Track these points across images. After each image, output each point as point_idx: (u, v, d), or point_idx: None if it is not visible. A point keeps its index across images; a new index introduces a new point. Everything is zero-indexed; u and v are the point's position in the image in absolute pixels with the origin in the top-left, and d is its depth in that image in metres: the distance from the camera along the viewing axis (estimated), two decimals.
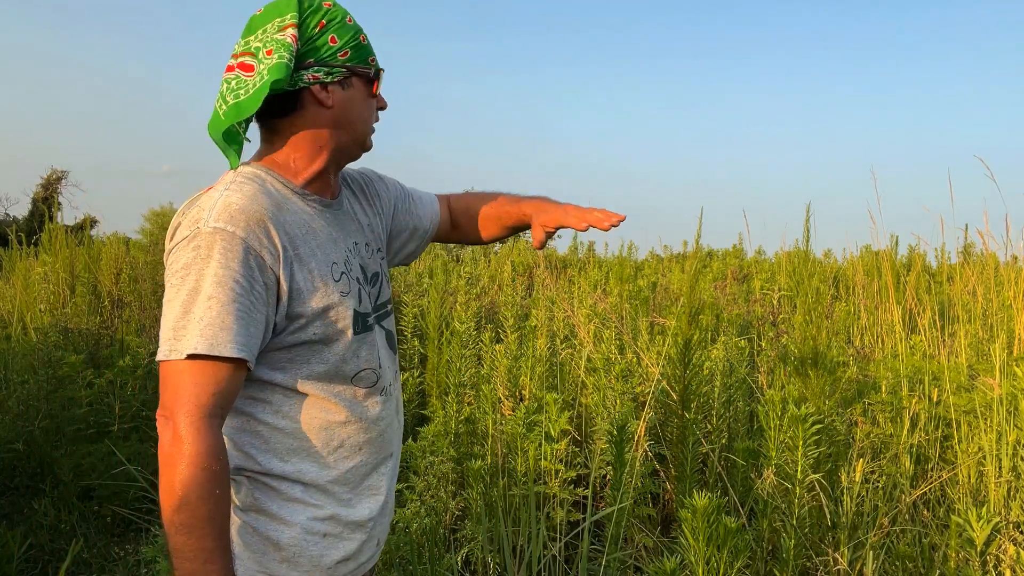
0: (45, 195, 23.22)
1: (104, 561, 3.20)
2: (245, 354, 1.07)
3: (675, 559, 1.70)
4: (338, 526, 1.23)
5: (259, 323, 1.11)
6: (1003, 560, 2.28)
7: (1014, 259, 4.27)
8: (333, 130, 1.25)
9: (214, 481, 1.05)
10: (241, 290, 1.07)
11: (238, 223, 1.09)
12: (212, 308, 1.06)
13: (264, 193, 1.16)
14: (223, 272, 1.06)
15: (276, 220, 1.14)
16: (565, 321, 4.78)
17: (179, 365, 1.06)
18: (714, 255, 10.92)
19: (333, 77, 1.23)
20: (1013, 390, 2.70)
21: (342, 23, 1.24)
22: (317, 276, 1.18)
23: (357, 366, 1.24)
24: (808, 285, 2.75)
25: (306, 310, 1.16)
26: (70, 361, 3.95)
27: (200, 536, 1.04)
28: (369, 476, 1.28)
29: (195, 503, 1.04)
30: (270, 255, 1.11)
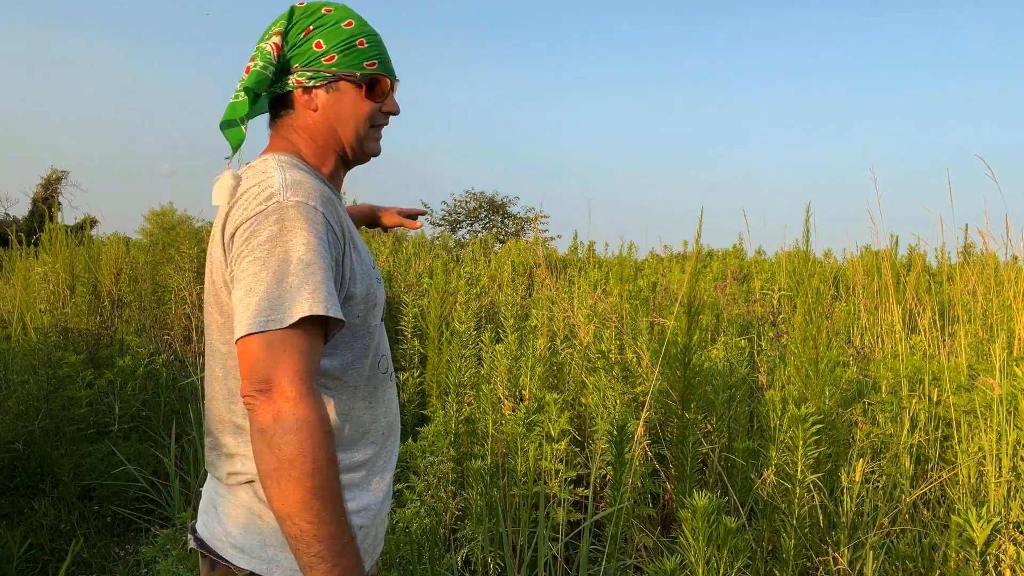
0: (45, 195, 23.23)
1: (104, 561, 3.20)
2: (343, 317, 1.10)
3: (675, 559, 1.70)
4: (370, 516, 1.24)
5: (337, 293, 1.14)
6: (1003, 560, 2.28)
7: (1014, 259, 4.27)
8: (325, 132, 1.28)
9: (334, 444, 1.06)
10: (331, 261, 1.11)
11: (316, 199, 1.13)
12: (316, 274, 1.06)
13: (317, 178, 1.23)
14: (316, 242, 1.09)
15: (333, 203, 1.19)
16: (565, 321, 4.78)
17: (277, 335, 1.03)
18: (714, 255, 10.92)
19: (315, 81, 1.25)
20: (1013, 390, 2.70)
21: (333, 28, 1.25)
22: (363, 259, 1.24)
23: (380, 351, 1.29)
24: (808, 285, 2.75)
25: (355, 292, 1.19)
26: (70, 361, 3.95)
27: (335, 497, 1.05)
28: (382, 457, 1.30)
29: (326, 467, 1.03)
30: (339, 230, 1.16)
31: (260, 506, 1.18)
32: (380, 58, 1.30)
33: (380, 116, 1.32)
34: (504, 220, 21.90)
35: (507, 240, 16.99)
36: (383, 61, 1.30)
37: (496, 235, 19.41)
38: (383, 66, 1.30)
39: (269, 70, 1.25)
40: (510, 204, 21.97)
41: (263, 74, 1.24)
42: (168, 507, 3.33)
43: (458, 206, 21.95)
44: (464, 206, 22.03)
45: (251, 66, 1.26)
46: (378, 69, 1.29)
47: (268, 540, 1.17)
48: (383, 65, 1.30)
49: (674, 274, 7.97)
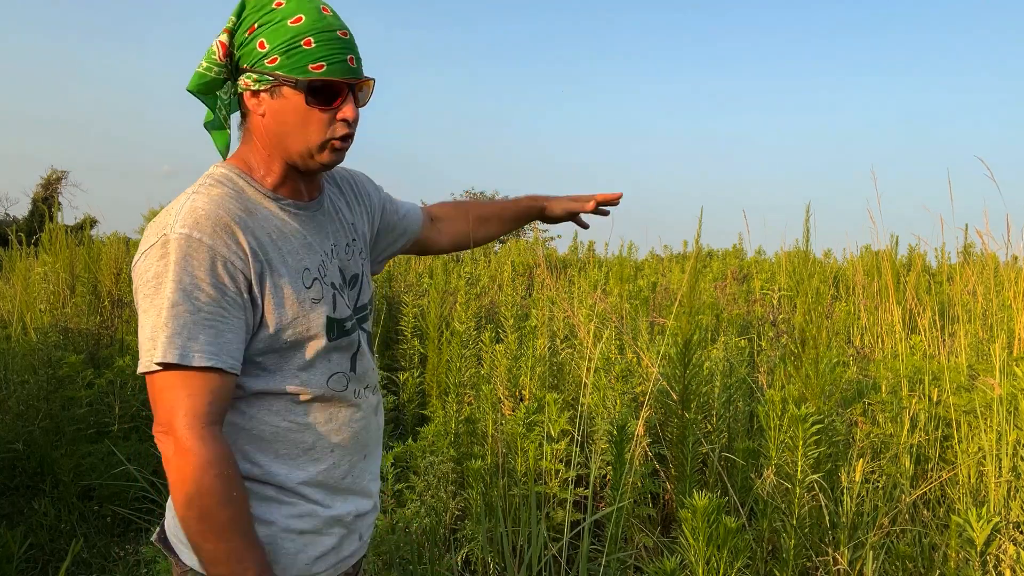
0: (45, 195, 23.23)
1: (104, 561, 3.20)
2: (216, 362, 1.05)
3: (675, 559, 1.70)
4: (316, 522, 1.22)
5: (237, 329, 1.09)
6: (1003, 560, 2.28)
7: (1014, 259, 4.27)
8: (273, 140, 1.18)
9: (230, 485, 1.05)
10: (207, 298, 1.05)
11: (204, 229, 1.07)
12: (178, 318, 1.04)
13: (233, 198, 1.14)
14: (188, 280, 1.04)
15: (244, 225, 1.11)
16: (565, 321, 4.78)
17: (169, 377, 1.04)
18: (714, 255, 10.92)
19: (260, 85, 1.15)
20: (1013, 390, 2.70)
21: (278, 25, 1.13)
22: (288, 282, 1.15)
23: (329, 370, 1.22)
24: (808, 285, 2.75)
25: (278, 317, 1.13)
26: (70, 361, 3.95)
27: (227, 539, 1.05)
28: (344, 478, 1.27)
29: (215, 510, 1.04)
30: (240, 259, 1.09)
31: None
32: (330, 59, 1.14)
33: (336, 125, 1.17)
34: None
35: (507, 240, 16.98)
36: (334, 63, 1.14)
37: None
38: (333, 68, 1.14)
39: (213, 71, 1.18)
40: None
41: (206, 75, 1.18)
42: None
43: None
44: None
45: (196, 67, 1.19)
46: (325, 72, 1.13)
47: None
48: (333, 68, 1.14)
49: (674, 274, 7.97)
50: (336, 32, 1.15)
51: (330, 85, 1.15)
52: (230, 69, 1.20)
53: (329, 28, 1.14)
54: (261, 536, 1.16)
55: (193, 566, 1.18)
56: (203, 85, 1.19)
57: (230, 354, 1.08)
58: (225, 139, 1.26)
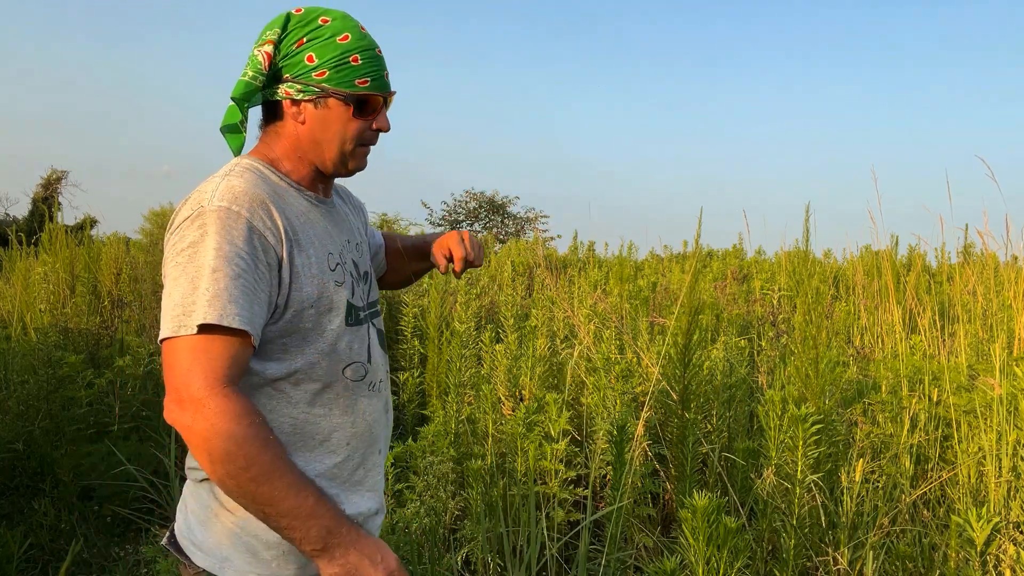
0: (45, 195, 23.22)
1: (104, 561, 3.20)
2: (250, 328, 1.08)
3: (675, 559, 1.70)
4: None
5: (263, 302, 1.12)
6: (1003, 560, 2.28)
7: (1014, 259, 4.27)
8: (309, 145, 1.26)
9: (266, 430, 1.06)
10: (246, 266, 1.09)
11: (242, 204, 1.12)
12: (219, 281, 1.06)
13: (264, 182, 1.20)
14: (228, 248, 1.08)
15: (276, 205, 1.17)
16: (565, 321, 4.78)
17: (190, 340, 1.05)
18: (714, 255, 10.92)
19: (305, 95, 1.23)
20: (1013, 390, 2.70)
21: (328, 41, 1.22)
22: (315, 262, 1.20)
23: (349, 357, 1.25)
24: (808, 285, 2.75)
25: (303, 295, 1.17)
26: (70, 361, 3.95)
27: (280, 475, 1.04)
28: (356, 471, 1.28)
29: (259, 454, 1.03)
30: (273, 236, 1.13)
31: (215, 504, 1.19)
32: (373, 76, 1.25)
33: (369, 134, 1.29)
34: (504, 220, 21.90)
35: (507, 240, 16.99)
36: (376, 79, 1.25)
37: (496, 235, 19.42)
38: (375, 84, 1.25)
39: (258, 80, 1.24)
40: (510, 204, 21.98)
41: (251, 84, 1.24)
42: (168, 507, 3.33)
43: (458, 206, 21.95)
44: (464, 206, 22.04)
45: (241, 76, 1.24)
46: (370, 88, 1.25)
47: (222, 539, 1.18)
48: (376, 83, 1.25)
49: (674, 274, 7.97)
50: (375, 50, 1.26)
51: (370, 100, 1.26)
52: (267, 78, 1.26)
53: (371, 47, 1.26)
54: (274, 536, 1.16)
55: (206, 567, 1.17)
56: (246, 95, 1.25)
57: (258, 325, 1.11)
58: (240, 141, 1.30)
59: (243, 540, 1.17)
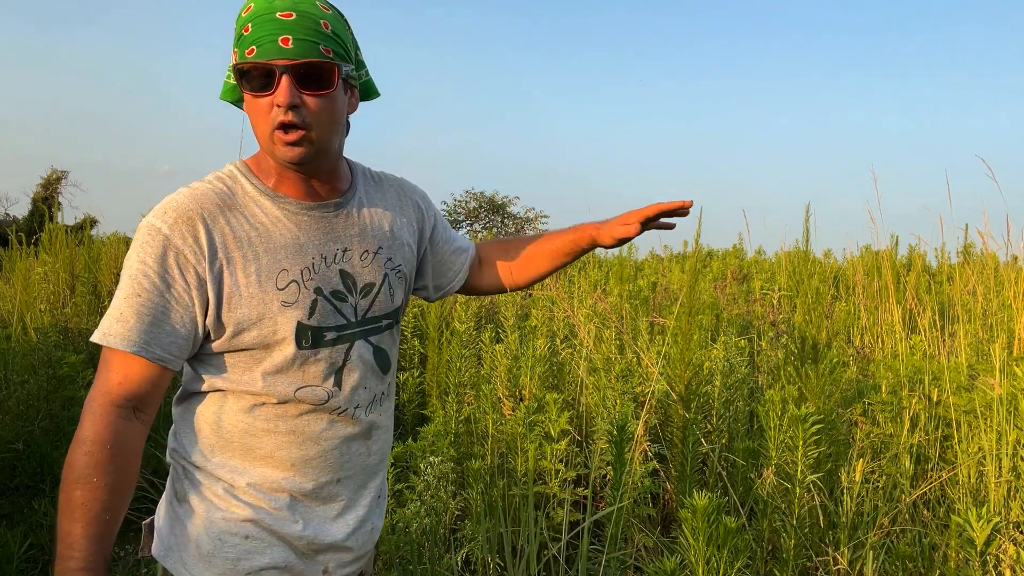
0: (45, 195, 23.22)
1: None
2: (136, 350, 1.06)
3: (675, 559, 1.70)
4: (261, 531, 1.16)
5: (178, 323, 1.08)
6: (1003, 560, 2.28)
7: (1014, 259, 4.27)
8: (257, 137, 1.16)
9: (95, 468, 1.04)
10: (149, 284, 1.07)
11: (167, 219, 1.08)
12: (117, 299, 1.07)
13: (219, 192, 1.13)
14: (138, 266, 1.07)
15: (212, 220, 1.09)
16: (565, 321, 4.78)
17: (104, 353, 1.09)
18: (714, 255, 10.91)
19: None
20: (1013, 390, 2.70)
21: (237, 19, 1.10)
22: (253, 281, 1.10)
23: (300, 381, 1.15)
24: (808, 285, 2.75)
25: (239, 315, 1.10)
26: (70, 361, 3.95)
27: (69, 520, 1.03)
28: (310, 496, 1.19)
29: (69, 486, 1.04)
30: (194, 254, 1.07)
31: (171, 491, 1.22)
32: (259, 41, 1.06)
33: (273, 112, 1.09)
34: (504, 220, 21.90)
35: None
36: (265, 44, 1.06)
37: (496, 235, 19.41)
38: (263, 49, 1.06)
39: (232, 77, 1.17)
40: (510, 204, 21.98)
41: (227, 83, 1.19)
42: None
43: (458, 206, 21.95)
44: (464, 206, 22.04)
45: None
46: (256, 55, 1.06)
47: (173, 527, 1.19)
48: (264, 48, 1.06)
49: (674, 274, 7.97)
50: (275, 14, 1.07)
51: (260, 69, 1.07)
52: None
53: (268, 11, 1.07)
54: (204, 536, 1.15)
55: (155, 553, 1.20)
56: (227, 93, 1.20)
57: (162, 346, 1.08)
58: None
59: (179, 531, 1.18)
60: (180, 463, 1.20)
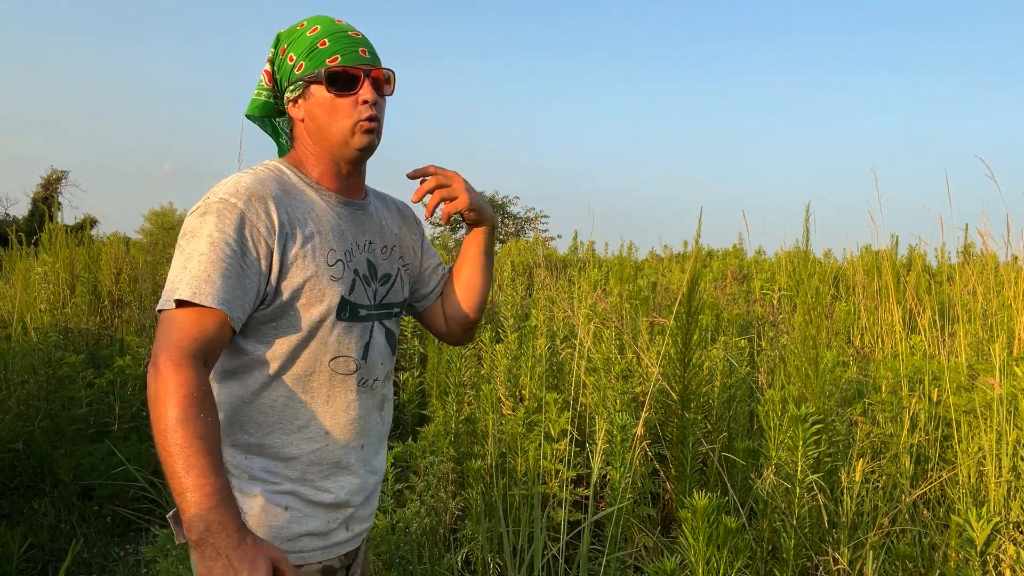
0: (45, 195, 23.23)
1: (104, 561, 3.20)
2: (225, 308, 1.15)
3: (675, 559, 1.70)
4: (299, 502, 1.27)
5: (249, 288, 1.19)
6: (1003, 560, 2.28)
7: (1014, 259, 4.28)
8: (315, 139, 1.34)
9: (196, 407, 1.08)
10: (231, 252, 1.17)
11: (240, 196, 1.21)
12: (202, 263, 1.16)
13: (275, 180, 1.29)
14: (217, 234, 1.17)
15: (279, 200, 1.25)
16: (565, 321, 4.78)
17: (169, 314, 1.14)
18: (714, 255, 10.91)
19: (295, 92, 1.33)
20: (1013, 390, 2.70)
21: (299, 38, 1.32)
22: (310, 255, 1.26)
23: (337, 351, 1.30)
24: (808, 285, 2.75)
25: (293, 284, 1.24)
26: (70, 361, 3.95)
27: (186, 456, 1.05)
28: (338, 462, 1.32)
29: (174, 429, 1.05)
30: (266, 228, 1.21)
31: None
32: (343, 51, 1.31)
33: (361, 109, 1.31)
34: (504, 220, 21.90)
35: (507, 240, 16.99)
36: (347, 54, 1.31)
37: (496, 235, 19.40)
38: (347, 58, 1.30)
39: (263, 95, 1.38)
40: (510, 204, 21.99)
41: (257, 100, 1.38)
42: (168, 507, 3.33)
43: None
44: None
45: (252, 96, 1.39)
46: (340, 63, 1.30)
47: None
48: (347, 58, 1.30)
49: (674, 274, 7.96)
50: (347, 32, 1.33)
51: (346, 73, 1.30)
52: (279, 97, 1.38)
53: (341, 30, 1.33)
54: (247, 508, 1.23)
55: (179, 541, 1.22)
56: (256, 108, 1.39)
57: (236, 306, 1.17)
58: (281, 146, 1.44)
59: None
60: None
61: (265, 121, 1.43)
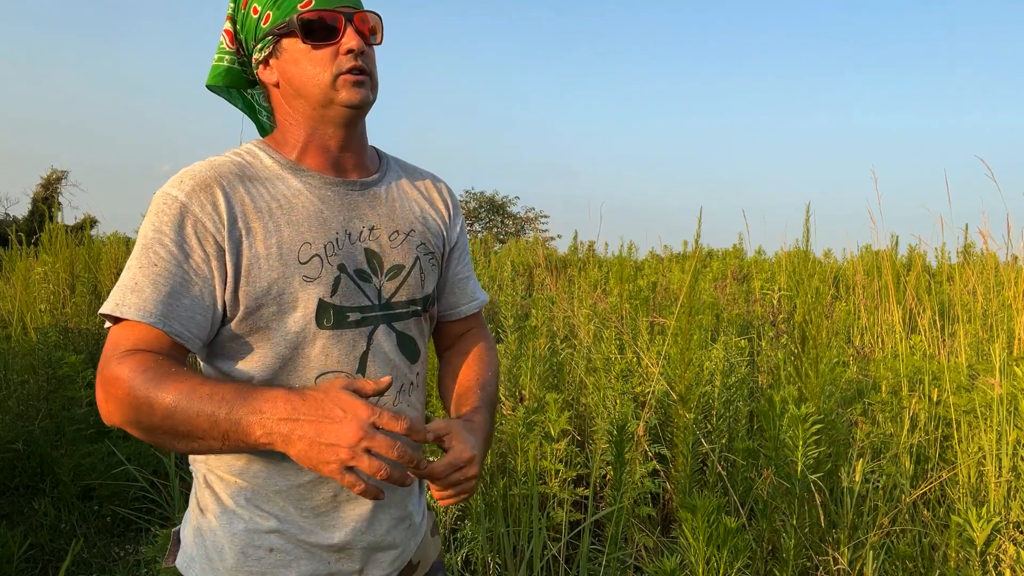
0: (45, 195, 23.24)
1: (104, 561, 3.20)
2: (154, 321, 0.97)
3: (675, 559, 1.70)
4: (288, 543, 1.10)
5: (198, 297, 1.01)
6: (1003, 560, 2.28)
7: (1014, 259, 4.28)
8: (291, 105, 1.14)
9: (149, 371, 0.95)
10: (168, 255, 1.00)
11: (184, 187, 1.03)
12: (129, 270, 1.00)
13: (236, 163, 1.10)
14: (152, 235, 1.01)
15: (231, 188, 1.06)
16: (565, 321, 4.78)
17: (110, 331, 1.00)
18: (714, 255, 10.91)
19: (264, 50, 1.12)
20: (1013, 390, 2.70)
21: None
22: (274, 253, 1.06)
23: (323, 365, 1.09)
24: (808, 285, 2.75)
25: (256, 289, 1.04)
26: (70, 361, 3.95)
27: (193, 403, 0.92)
28: (335, 497, 1.12)
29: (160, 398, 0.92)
30: (212, 223, 1.02)
31: (193, 500, 1.16)
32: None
33: (343, 60, 1.09)
34: (504, 220, 21.91)
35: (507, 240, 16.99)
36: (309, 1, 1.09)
37: (496, 235, 19.41)
38: (320, 2, 1.09)
39: (225, 59, 1.17)
40: (510, 204, 22.00)
41: (218, 67, 1.17)
42: (168, 507, 3.33)
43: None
44: (464, 206, 22.04)
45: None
46: (315, 6, 1.09)
47: (195, 538, 1.14)
48: (320, 1, 1.09)
49: (674, 274, 7.96)
50: None
51: (323, 20, 1.09)
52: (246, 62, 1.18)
53: None
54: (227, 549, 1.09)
55: (178, 565, 1.16)
56: (219, 77, 1.17)
57: (180, 320, 0.99)
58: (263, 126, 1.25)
59: (206, 543, 1.12)
60: (202, 472, 1.14)
61: (233, 93, 1.22)
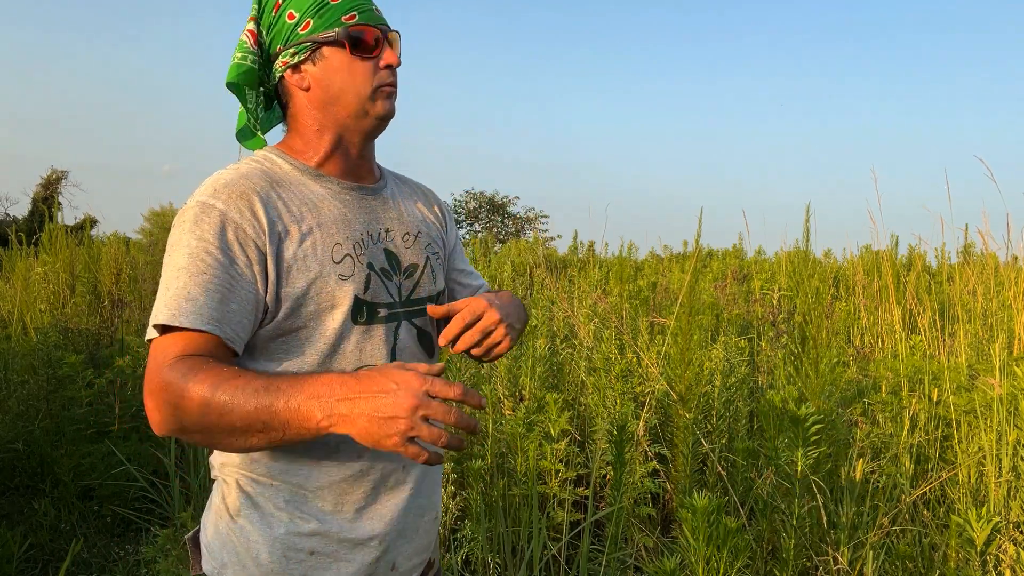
0: (45, 195, 23.25)
1: (104, 561, 3.20)
2: (213, 328, 1.00)
3: (675, 559, 1.70)
4: (330, 544, 1.12)
5: (244, 300, 1.04)
6: (1003, 560, 2.28)
7: (1014, 259, 4.28)
8: (323, 111, 1.17)
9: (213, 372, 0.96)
10: (213, 261, 1.02)
11: (220, 196, 1.06)
12: (179, 279, 1.01)
13: (261, 171, 1.13)
14: (196, 244, 1.03)
15: (265, 195, 1.09)
16: (565, 321, 4.78)
17: (155, 343, 1.01)
18: (714, 255, 10.91)
19: (299, 56, 1.15)
20: (1013, 390, 2.70)
21: None
22: (311, 255, 1.10)
23: (358, 360, 1.13)
24: (808, 285, 2.75)
25: (296, 290, 1.08)
26: (70, 361, 3.95)
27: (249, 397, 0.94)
28: (375, 489, 1.16)
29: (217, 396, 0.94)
30: (253, 228, 1.05)
31: (222, 506, 1.15)
32: (359, 9, 1.15)
33: (382, 74, 1.16)
34: (504, 220, 21.91)
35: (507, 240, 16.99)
36: (364, 11, 1.15)
37: (496, 235, 19.42)
38: (365, 16, 1.15)
39: (248, 59, 1.18)
40: (510, 204, 22.00)
41: (242, 64, 1.18)
42: (168, 507, 3.33)
43: (458, 206, 21.98)
44: (464, 206, 22.05)
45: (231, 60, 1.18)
46: (360, 21, 1.14)
47: (224, 541, 1.14)
48: (365, 15, 1.15)
49: (674, 274, 7.96)
50: None
51: (366, 34, 1.15)
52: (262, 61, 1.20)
53: None
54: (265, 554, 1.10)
55: (207, 570, 1.15)
56: (241, 76, 1.19)
57: (230, 324, 1.02)
58: (257, 144, 1.26)
59: (238, 548, 1.12)
60: (233, 476, 1.14)
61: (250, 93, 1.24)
